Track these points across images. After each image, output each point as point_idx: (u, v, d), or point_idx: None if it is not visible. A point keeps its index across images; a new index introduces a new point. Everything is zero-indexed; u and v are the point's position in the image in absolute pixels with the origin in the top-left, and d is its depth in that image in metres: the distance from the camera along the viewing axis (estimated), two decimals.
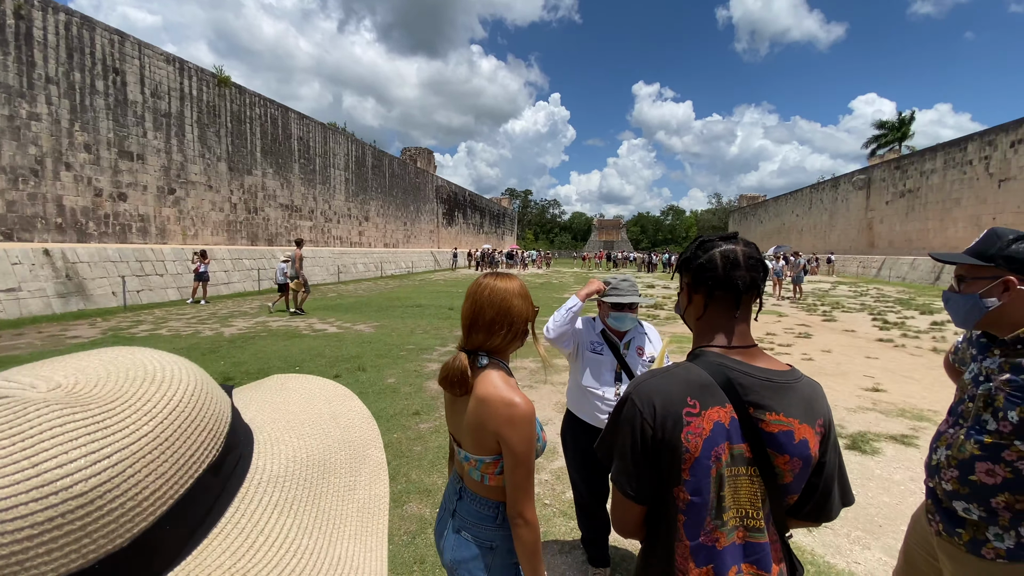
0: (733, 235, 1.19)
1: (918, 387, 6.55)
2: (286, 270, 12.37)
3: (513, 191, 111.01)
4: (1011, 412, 1.25)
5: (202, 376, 0.41)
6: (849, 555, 2.89)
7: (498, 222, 66.01)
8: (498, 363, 1.39)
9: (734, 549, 1.08)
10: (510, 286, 1.40)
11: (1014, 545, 1.27)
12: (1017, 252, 1.27)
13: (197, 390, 0.38)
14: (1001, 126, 25.62)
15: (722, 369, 1.08)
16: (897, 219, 34.00)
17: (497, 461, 1.31)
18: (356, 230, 29.36)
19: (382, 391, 5.82)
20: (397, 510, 3.24)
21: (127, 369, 0.37)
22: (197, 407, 0.37)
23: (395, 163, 35.17)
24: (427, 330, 10.21)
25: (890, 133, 48.02)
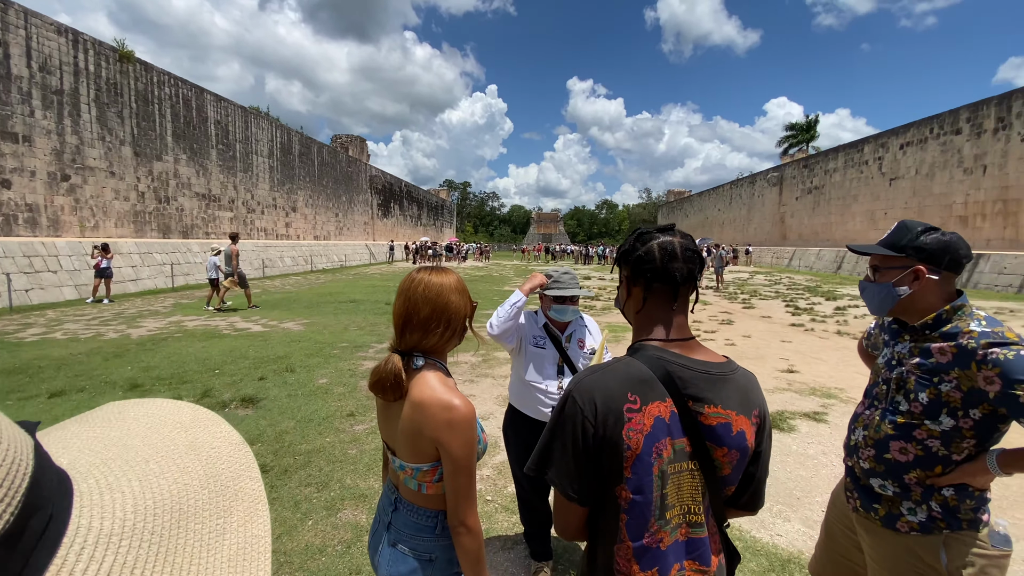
0: (670, 227, 1.18)
1: (826, 367, 7.15)
2: (218, 264, 11.79)
3: (452, 183, 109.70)
4: (921, 394, 1.35)
5: None
6: (772, 528, 3.08)
7: (437, 214, 64.98)
8: (435, 363, 1.31)
9: (677, 547, 1.07)
10: (446, 281, 1.32)
11: (926, 518, 1.37)
12: (926, 243, 1.36)
13: None
14: (892, 130, 28.54)
15: (661, 363, 1.07)
16: (805, 213, 37.06)
17: (435, 468, 1.23)
18: (283, 221, 27.77)
19: (313, 393, 5.52)
20: (331, 518, 3.07)
21: None
22: None
23: (325, 151, 33.54)
24: (362, 326, 9.84)
25: (799, 134, 52.21)
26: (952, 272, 1.37)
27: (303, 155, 30.35)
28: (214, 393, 5.40)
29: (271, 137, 26.67)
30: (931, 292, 1.37)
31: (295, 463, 3.80)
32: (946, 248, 1.35)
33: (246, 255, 21.84)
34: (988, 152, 22.02)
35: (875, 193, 29.44)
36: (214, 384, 5.73)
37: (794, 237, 38.57)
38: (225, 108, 22.74)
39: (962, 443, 1.31)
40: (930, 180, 25.25)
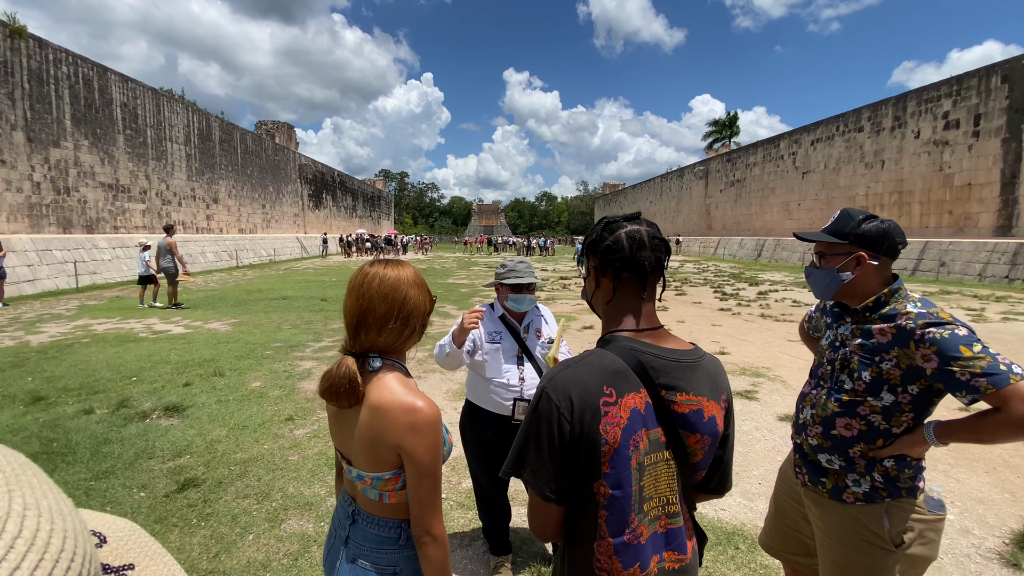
0: (636, 216, 1.16)
1: (753, 348, 7.65)
2: (148, 259, 11.24)
3: (388, 172, 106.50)
4: (864, 372, 1.43)
5: None
6: (715, 503, 3.24)
7: (373, 205, 62.87)
8: (394, 364, 1.21)
9: (656, 539, 1.07)
10: (403, 274, 1.22)
11: (869, 488, 1.47)
12: (867, 231, 1.45)
13: None
14: (804, 127, 30.88)
15: (634, 353, 1.06)
16: (729, 205, 39.42)
17: (398, 476, 1.15)
18: (203, 214, 25.77)
19: (246, 397, 5.17)
20: (274, 530, 2.88)
21: None
22: None
23: (249, 138, 31.40)
24: (297, 325, 9.34)
25: (722, 130, 55.31)
26: (889, 257, 1.46)
27: (224, 142, 28.25)
28: (132, 403, 4.92)
29: (187, 122, 24.58)
30: (871, 277, 1.46)
31: (230, 474, 3.53)
32: (884, 235, 1.44)
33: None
34: (886, 148, 24.39)
35: (790, 186, 31.79)
36: (131, 393, 5.22)
37: (719, 227, 40.94)
38: (133, 90, 20.66)
39: (901, 417, 1.41)
40: (837, 173, 27.61)
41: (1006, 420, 1.23)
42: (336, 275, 20.80)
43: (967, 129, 20.38)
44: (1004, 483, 3.49)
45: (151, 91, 21.90)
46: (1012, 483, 3.49)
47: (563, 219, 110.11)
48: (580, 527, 1.08)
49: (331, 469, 3.62)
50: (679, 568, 1.09)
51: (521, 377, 2.37)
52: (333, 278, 19.38)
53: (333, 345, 7.59)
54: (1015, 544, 2.76)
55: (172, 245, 11.19)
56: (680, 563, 1.10)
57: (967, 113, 20.42)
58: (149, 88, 21.78)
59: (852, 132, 26.60)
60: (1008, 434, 1.24)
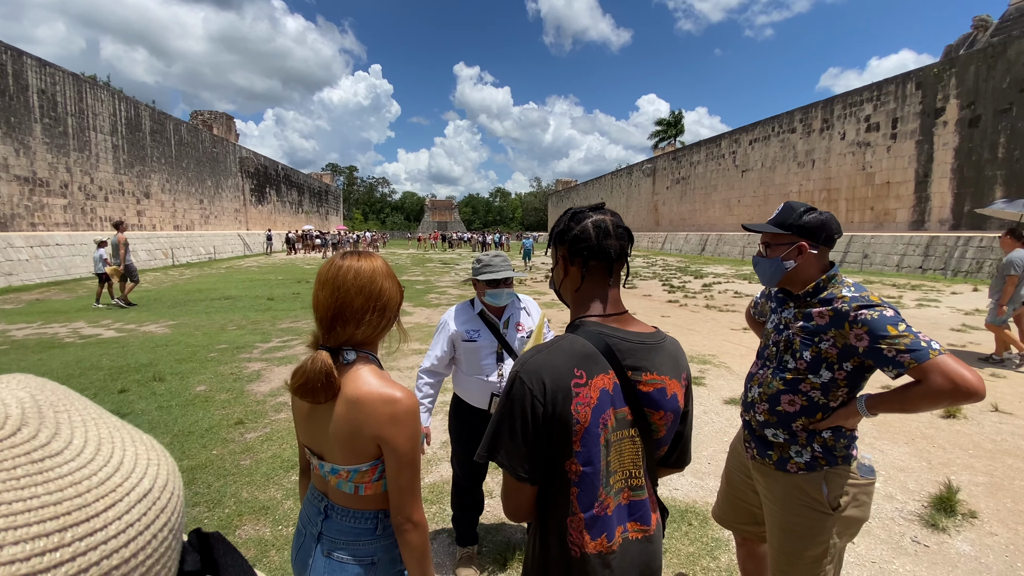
0: (600, 206, 1.21)
1: (700, 337, 8.02)
2: (105, 256, 10.96)
3: (336, 166, 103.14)
4: (805, 352, 1.56)
5: None
6: (668, 483, 3.40)
7: (320, 200, 60.68)
8: (368, 356, 1.21)
9: (620, 510, 1.13)
10: (376, 266, 1.22)
11: (810, 458, 1.60)
12: (807, 222, 1.57)
13: None
14: (743, 128, 32.47)
15: (602, 337, 1.11)
16: (675, 201, 40.91)
17: (375, 467, 1.16)
18: (133, 209, 24.05)
19: (190, 402, 4.91)
20: (228, 538, 2.76)
21: None
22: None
23: (184, 128, 29.51)
24: (242, 325, 8.93)
25: (668, 129, 57.25)
26: (827, 247, 1.60)
27: (156, 133, 26.44)
28: None
29: (114, 111, 22.80)
30: (811, 265, 1.59)
31: None
32: (822, 226, 1.57)
33: (88, 250, 18.71)
34: (816, 148, 26.06)
35: (730, 183, 33.38)
36: None
37: (666, 223, 42.44)
38: (52, 75, 18.94)
39: (837, 392, 1.55)
40: (772, 172, 29.24)
41: (927, 391, 1.37)
42: (283, 273, 19.99)
43: (886, 132, 22.12)
44: (922, 452, 3.86)
45: (72, 77, 20.16)
46: (928, 452, 3.86)
47: (517, 215, 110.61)
48: (553, 505, 1.12)
49: (287, 471, 3.51)
50: (643, 538, 1.15)
51: (500, 374, 2.36)
52: (280, 276, 18.63)
53: (283, 346, 7.33)
54: (932, 506, 3.06)
55: (121, 241, 10.75)
56: (644, 533, 1.16)
57: (886, 117, 22.15)
58: (70, 74, 20.04)
59: (786, 133, 28.23)
60: (929, 403, 1.39)
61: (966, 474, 3.51)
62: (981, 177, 18.47)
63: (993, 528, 2.89)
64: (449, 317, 2.47)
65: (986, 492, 3.28)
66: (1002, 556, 2.64)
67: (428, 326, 8.85)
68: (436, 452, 3.90)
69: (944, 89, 19.77)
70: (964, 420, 4.47)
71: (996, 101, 17.95)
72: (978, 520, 2.96)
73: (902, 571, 2.54)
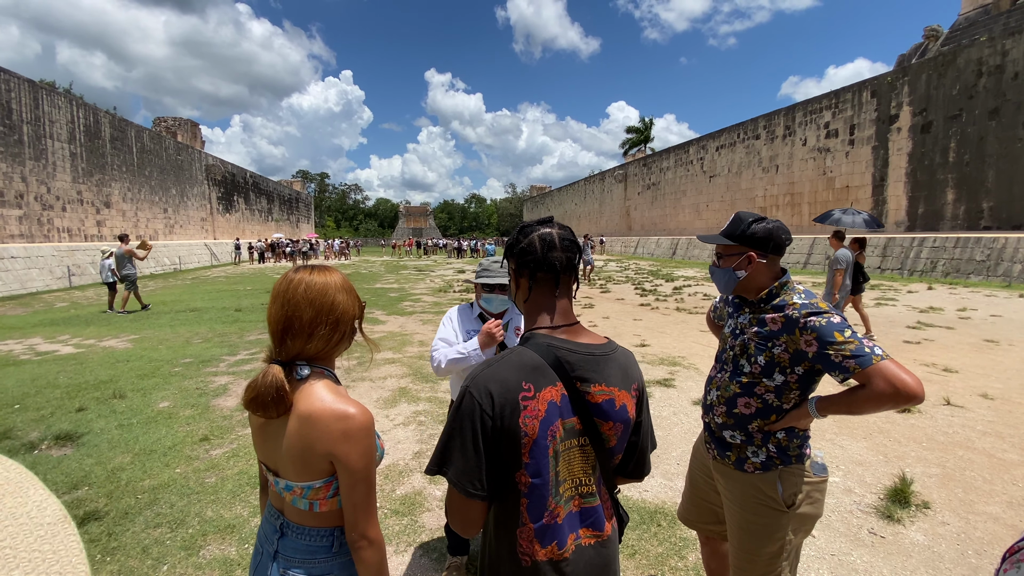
0: (549, 219, 1.24)
1: (670, 339, 8.17)
2: (112, 266, 11.70)
3: (307, 173, 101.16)
4: (759, 357, 1.62)
5: None
6: (638, 485, 3.45)
7: (291, 208, 59.50)
8: (323, 371, 1.20)
9: (571, 517, 1.15)
10: (330, 280, 1.21)
11: (765, 458, 1.66)
12: (754, 232, 1.63)
13: None
14: (710, 134, 33.33)
15: (551, 349, 1.13)
16: (646, 207, 41.66)
17: (329, 484, 1.15)
18: (93, 219, 23.15)
19: (152, 419, 4.75)
20: (191, 558, 2.69)
21: None
22: None
23: (146, 135, 28.58)
24: (208, 338, 8.69)
25: (638, 136, 58.27)
26: (776, 255, 1.66)
27: (117, 140, 25.55)
28: (16, 434, 4.35)
29: (72, 118, 21.94)
30: (762, 273, 1.65)
31: (137, 503, 3.24)
32: (769, 235, 1.63)
33: (44, 262, 17.94)
34: (779, 154, 26.93)
35: (699, 188, 34.19)
36: (14, 423, 4.61)
37: (638, 228, 43.14)
38: (7, 81, 18.12)
39: (790, 394, 1.61)
40: (739, 177, 30.09)
41: (870, 394, 1.44)
42: (251, 283, 19.53)
43: (844, 138, 23.04)
44: (878, 447, 4.02)
45: (28, 83, 19.33)
46: (885, 446, 4.02)
47: (493, 220, 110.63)
48: (503, 516, 1.13)
49: (254, 488, 3.43)
50: (596, 543, 1.17)
51: None
52: (248, 287, 18.19)
53: (251, 358, 7.15)
54: (888, 499, 3.19)
55: (128, 252, 11.65)
56: (597, 539, 1.17)
57: (844, 124, 23.08)
58: (26, 80, 19.22)
59: (751, 139, 29.11)
60: (873, 405, 1.46)
61: (920, 466, 3.67)
62: (933, 180, 19.40)
63: (945, 518, 3.03)
64: (452, 315, 2.49)
65: (938, 483, 3.43)
66: (953, 544, 2.77)
67: (401, 334, 8.77)
68: (408, 463, 3.86)
69: (898, 97, 20.74)
70: (918, 414, 4.67)
71: (946, 108, 18.91)
72: (931, 510, 3.10)
73: (859, 563, 2.64)
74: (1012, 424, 4.40)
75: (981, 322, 9.16)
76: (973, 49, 18.11)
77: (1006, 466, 3.65)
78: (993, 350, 7.09)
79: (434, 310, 11.71)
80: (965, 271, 15.96)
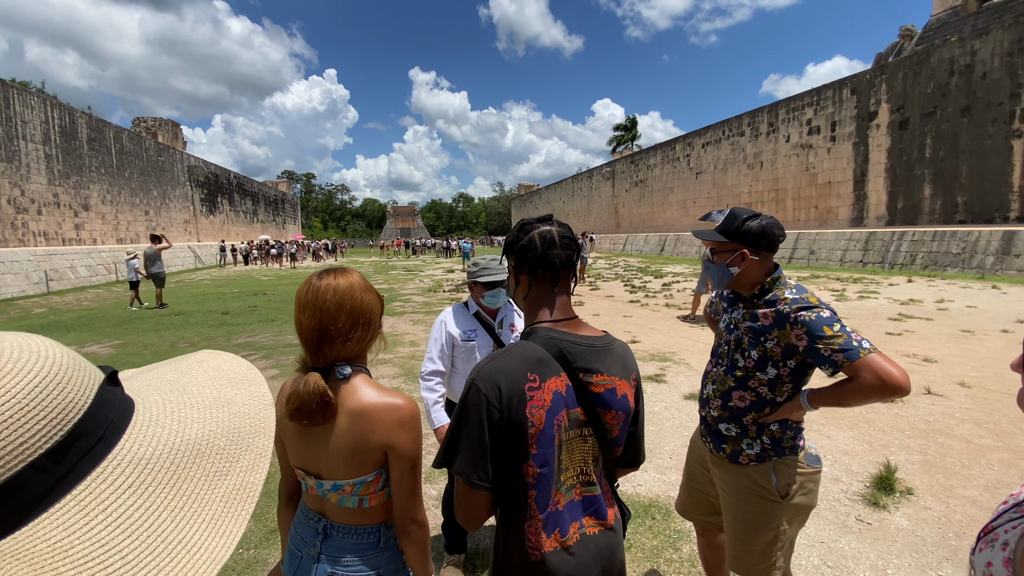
0: (548, 217, 1.27)
1: (660, 335, 8.26)
2: (137, 266, 12.74)
3: (292, 174, 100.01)
4: (752, 351, 1.66)
5: (61, 362, 0.43)
6: (632, 479, 3.49)
7: (277, 209, 58.81)
8: (361, 368, 1.24)
9: (573, 505, 1.18)
10: (354, 281, 1.24)
11: (760, 450, 1.71)
12: (748, 229, 1.67)
13: (44, 379, 0.41)
14: (696, 131, 33.63)
15: (553, 341, 1.16)
16: (634, 203, 41.92)
17: (379, 476, 1.20)
18: (71, 223, 22.66)
19: None
20: None
21: None
22: (38, 398, 0.40)
23: (125, 136, 28.02)
24: (195, 342, 8.58)
25: (625, 133, 58.63)
26: (769, 252, 1.69)
27: (95, 141, 25.02)
28: None
29: (46, 118, 21.44)
30: (755, 269, 1.69)
31: None
32: (762, 232, 1.67)
33: (18, 267, 17.55)
34: (763, 151, 27.29)
35: (686, 185, 34.50)
36: None
37: (626, 225, 43.42)
38: None
39: (783, 387, 1.66)
40: (724, 173, 30.42)
41: (858, 387, 1.48)
42: (238, 286, 19.29)
43: (826, 134, 23.42)
44: (864, 436, 4.12)
45: None
46: (870, 436, 4.13)
47: (481, 220, 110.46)
48: (511, 510, 1.15)
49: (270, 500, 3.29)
50: (599, 532, 1.20)
51: None
52: (235, 289, 17.97)
53: None
54: (874, 486, 3.28)
55: (159, 251, 12.51)
56: (601, 527, 1.20)
57: (826, 120, 23.46)
58: None
59: (736, 136, 29.45)
60: (861, 398, 1.50)
61: (903, 454, 3.77)
62: (911, 175, 19.82)
63: (927, 503, 3.12)
64: (446, 318, 2.50)
65: (921, 470, 3.54)
66: (936, 528, 2.86)
67: (392, 335, 8.74)
68: None
69: (876, 94, 21.14)
70: (901, 403, 4.80)
71: (922, 105, 19.33)
72: (914, 496, 3.19)
73: (848, 549, 2.71)
74: (987, 411, 4.54)
75: (958, 313, 9.40)
76: (945, 49, 18.54)
77: (983, 451, 3.77)
78: (969, 340, 7.29)
79: (424, 310, 11.68)
80: (942, 264, 16.35)
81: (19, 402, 0.38)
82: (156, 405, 0.50)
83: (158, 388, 0.53)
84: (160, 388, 0.53)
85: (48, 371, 0.41)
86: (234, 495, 0.49)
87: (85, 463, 0.42)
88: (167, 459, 0.46)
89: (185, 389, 0.54)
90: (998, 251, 14.88)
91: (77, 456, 0.41)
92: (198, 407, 0.52)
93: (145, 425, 0.47)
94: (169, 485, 0.45)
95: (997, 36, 16.81)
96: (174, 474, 0.46)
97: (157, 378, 0.55)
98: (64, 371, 0.43)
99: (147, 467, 0.45)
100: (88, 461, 0.42)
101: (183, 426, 0.49)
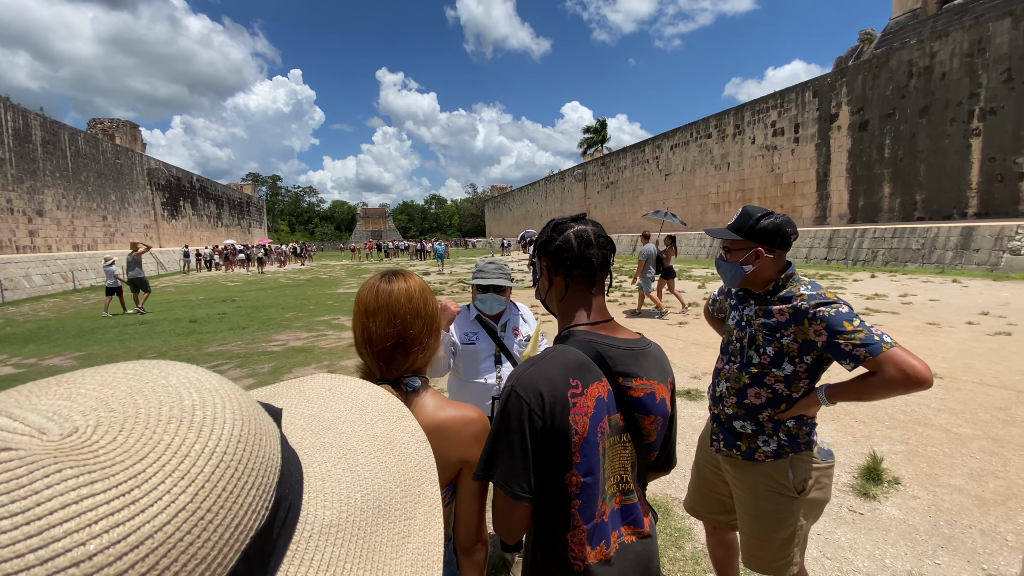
0: (582, 216, 1.24)
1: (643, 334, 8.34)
2: (117, 272, 12.69)
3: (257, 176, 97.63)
4: (768, 348, 1.66)
5: (247, 407, 0.34)
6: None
7: (242, 213, 57.06)
8: (426, 380, 1.17)
9: (614, 515, 1.14)
10: (418, 283, 1.18)
11: (776, 447, 1.71)
12: (763, 227, 1.68)
13: (244, 433, 0.32)
14: (664, 134, 34.28)
15: (592, 345, 1.12)
16: (605, 205, 42.44)
17: (448, 493, 1.14)
18: (24, 229, 21.47)
19: None
20: None
21: (160, 404, 0.30)
22: (244, 459, 0.31)
23: (81, 139, 26.73)
24: (162, 352, 8.21)
25: (595, 135, 59.34)
26: (783, 249, 1.71)
27: (49, 144, 23.77)
28: None
29: None
30: (768, 267, 1.70)
31: None
32: (777, 231, 1.68)
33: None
34: (730, 152, 28.01)
35: (655, 186, 35.13)
36: None
37: None
38: None
39: (799, 383, 1.67)
40: (693, 175, 31.10)
41: (881, 381, 1.49)
42: (204, 292, 18.61)
43: (790, 136, 24.22)
44: (847, 428, 4.24)
45: None
46: (852, 428, 4.24)
47: (455, 221, 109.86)
48: (553, 521, 1.11)
49: None
50: (637, 540, 1.17)
51: (499, 376, 2.35)
52: (201, 296, 17.33)
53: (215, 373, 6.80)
54: (862, 477, 3.36)
55: (138, 256, 12.86)
56: (639, 535, 1.18)
57: (789, 122, 24.26)
58: None
59: (703, 138, 30.15)
60: (883, 392, 1.52)
61: (886, 444, 3.89)
62: (871, 175, 20.67)
63: (915, 492, 3.22)
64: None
65: (904, 459, 3.65)
66: (926, 516, 2.95)
67: None
68: None
69: (837, 97, 21.98)
70: None
71: (881, 107, 20.19)
72: (901, 485, 3.29)
73: (844, 539, 2.77)
74: (961, 400, 4.74)
75: (922, 306, 9.82)
76: (904, 51, 19.42)
77: (962, 440, 3.92)
78: (936, 332, 7.62)
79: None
80: (903, 259, 17.09)
81: (228, 467, 0.29)
82: (316, 451, 0.41)
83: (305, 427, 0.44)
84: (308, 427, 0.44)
85: (244, 418, 0.32)
86: (420, 560, 0.41)
87: (283, 538, 0.33)
88: (354, 524, 0.38)
89: (335, 428, 0.45)
90: (957, 246, 15.64)
91: (279, 529, 0.33)
92: (364, 452, 0.43)
93: (319, 480, 0.39)
94: (363, 556, 0.37)
95: (957, 37, 17.67)
96: (363, 540, 0.38)
97: (293, 413, 0.46)
98: (254, 415, 0.33)
99: (338, 538, 0.36)
100: (284, 535, 0.34)
101: (355, 478, 0.41)
